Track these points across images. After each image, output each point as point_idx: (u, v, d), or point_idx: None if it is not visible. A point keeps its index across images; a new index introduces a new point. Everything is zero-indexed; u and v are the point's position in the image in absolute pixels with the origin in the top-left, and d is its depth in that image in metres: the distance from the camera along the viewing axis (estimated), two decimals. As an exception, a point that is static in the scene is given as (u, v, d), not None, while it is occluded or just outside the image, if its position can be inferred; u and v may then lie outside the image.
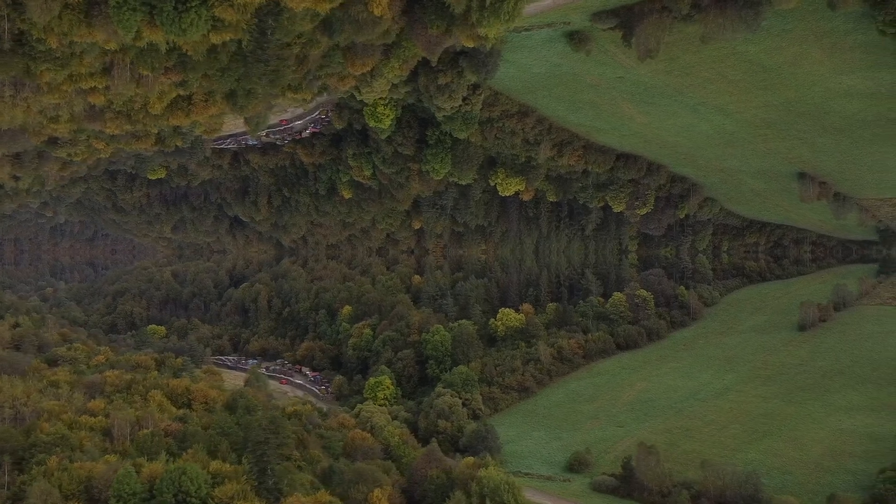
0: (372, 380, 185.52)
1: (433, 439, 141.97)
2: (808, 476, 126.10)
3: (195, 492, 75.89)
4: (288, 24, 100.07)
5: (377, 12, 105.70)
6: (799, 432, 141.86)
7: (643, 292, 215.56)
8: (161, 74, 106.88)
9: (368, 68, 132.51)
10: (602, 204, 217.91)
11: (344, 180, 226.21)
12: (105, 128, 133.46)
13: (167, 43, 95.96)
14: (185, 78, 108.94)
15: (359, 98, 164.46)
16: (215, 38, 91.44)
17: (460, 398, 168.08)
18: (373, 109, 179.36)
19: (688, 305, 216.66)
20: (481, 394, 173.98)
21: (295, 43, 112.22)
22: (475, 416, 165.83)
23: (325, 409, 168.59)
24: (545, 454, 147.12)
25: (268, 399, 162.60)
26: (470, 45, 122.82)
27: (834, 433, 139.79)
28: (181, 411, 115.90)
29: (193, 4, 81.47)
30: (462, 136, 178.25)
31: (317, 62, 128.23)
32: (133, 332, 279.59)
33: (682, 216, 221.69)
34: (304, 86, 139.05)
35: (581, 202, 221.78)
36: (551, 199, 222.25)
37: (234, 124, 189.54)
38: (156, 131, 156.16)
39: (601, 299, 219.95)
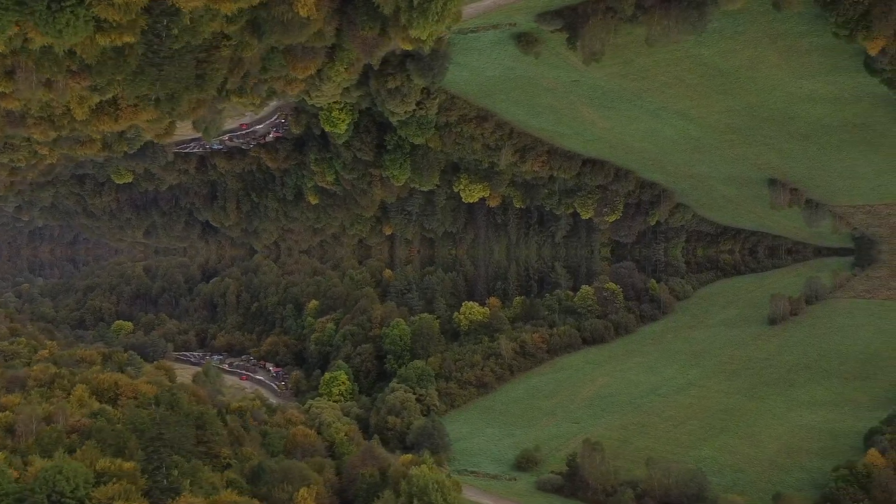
0: (327, 375, 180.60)
1: (375, 436, 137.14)
2: (761, 474, 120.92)
3: (71, 492, 70.65)
4: (193, 25, 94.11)
5: (303, 13, 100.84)
6: (757, 428, 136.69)
7: (612, 285, 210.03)
8: (69, 78, 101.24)
9: (312, 71, 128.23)
10: (571, 211, 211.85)
11: (309, 186, 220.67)
12: (30, 133, 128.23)
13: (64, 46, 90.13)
14: (94, 82, 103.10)
15: (310, 103, 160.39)
16: (103, 41, 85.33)
17: (415, 394, 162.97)
18: (328, 114, 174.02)
19: (658, 299, 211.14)
20: (438, 389, 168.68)
21: (225, 45, 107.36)
22: (429, 413, 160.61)
23: (274, 405, 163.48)
24: (495, 452, 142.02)
25: (214, 395, 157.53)
26: (408, 47, 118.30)
27: (793, 429, 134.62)
28: (102, 406, 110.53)
29: (69, 4, 75.45)
30: (418, 141, 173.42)
31: (256, 65, 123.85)
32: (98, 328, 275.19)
33: (652, 223, 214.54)
34: (249, 90, 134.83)
35: (548, 209, 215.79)
36: (518, 205, 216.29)
37: (191, 129, 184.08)
38: (99, 137, 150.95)
39: (570, 292, 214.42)
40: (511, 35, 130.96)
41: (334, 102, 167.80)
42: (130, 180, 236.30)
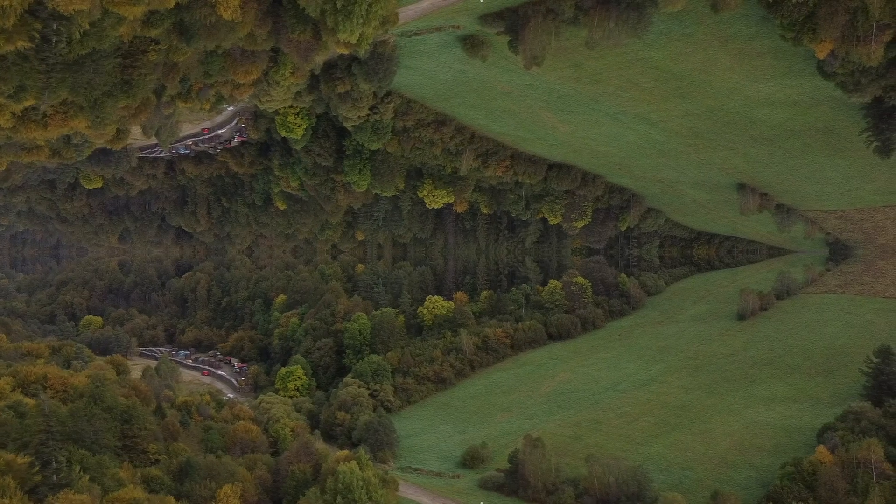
0: (283, 370, 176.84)
1: (316, 431, 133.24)
2: (709, 472, 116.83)
3: (-59, 488, 66.96)
4: (96, 30, 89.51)
5: (226, 15, 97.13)
6: (711, 425, 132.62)
7: (581, 280, 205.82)
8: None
9: (255, 76, 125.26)
10: (540, 216, 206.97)
11: (276, 191, 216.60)
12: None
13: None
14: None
15: (261, 108, 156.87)
16: None
17: (368, 389, 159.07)
18: (283, 119, 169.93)
19: (628, 294, 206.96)
20: (394, 385, 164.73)
21: (153, 50, 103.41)
22: (384, 408, 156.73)
23: (224, 400, 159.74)
24: (444, 449, 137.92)
25: (160, 389, 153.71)
26: (343, 51, 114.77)
27: (747, 426, 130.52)
28: (18, 399, 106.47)
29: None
30: (374, 146, 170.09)
31: (196, 70, 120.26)
32: (72, 322, 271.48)
33: (623, 228, 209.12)
34: (195, 95, 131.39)
35: (514, 215, 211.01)
36: (485, 211, 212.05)
37: (141, 134, 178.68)
38: (44, 143, 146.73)
39: (540, 287, 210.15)
40: (457, 38, 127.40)
41: (289, 107, 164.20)
42: (100, 185, 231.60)
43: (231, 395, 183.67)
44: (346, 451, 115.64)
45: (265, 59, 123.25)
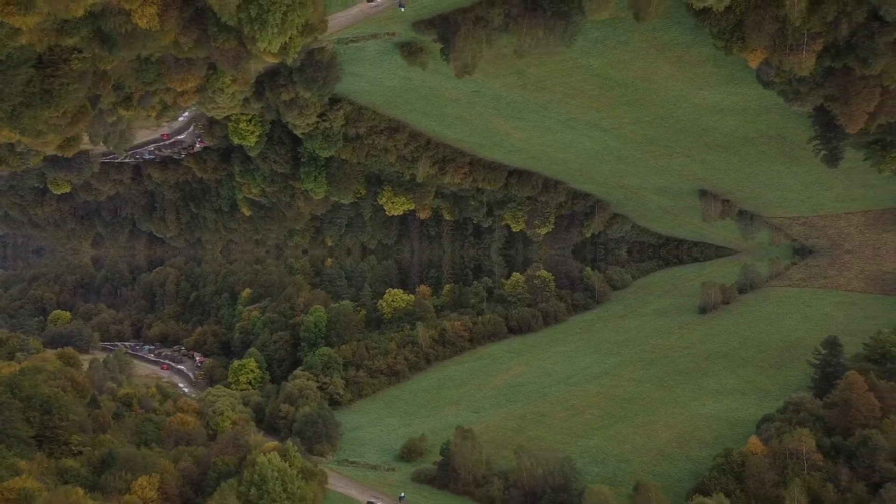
0: (236, 363, 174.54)
1: (251, 422, 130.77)
2: (645, 465, 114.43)
3: None
4: None
5: (143, 24, 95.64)
6: (655, 417, 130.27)
7: (544, 273, 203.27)
8: None
9: (192, 84, 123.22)
10: (505, 223, 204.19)
11: (240, 197, 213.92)
12: None
13: None
14: None
15: (209, 115, 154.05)
16: None
17: (318, 382, 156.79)
18: (235, 126, 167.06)
19: (593, 287, 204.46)
20: (346, 378, 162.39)
21: (75, 58, 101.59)
22: (332, 401, 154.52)
23: (170, 393, 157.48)
24: (386, 442, 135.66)
25: (103, 381, 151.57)
26: (272, 59, 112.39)
27: (691, 418, 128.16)
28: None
29: None
30: (325, 154, 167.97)
31: (130, 78, 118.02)
32: (41, 317, 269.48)
33: (588, 235, 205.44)
34: (136, 103, 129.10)
35: (475, 221, 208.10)
36: (448, 217, 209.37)
37: (88, 141, 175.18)
38: None
39: (503, 280, 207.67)
40: (395, 45, 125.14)
41: (242, 114, 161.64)
42: (69, 190, 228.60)
43: (185, 389, 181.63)
44: (274, 443, 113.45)
45: (202, 66, 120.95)
